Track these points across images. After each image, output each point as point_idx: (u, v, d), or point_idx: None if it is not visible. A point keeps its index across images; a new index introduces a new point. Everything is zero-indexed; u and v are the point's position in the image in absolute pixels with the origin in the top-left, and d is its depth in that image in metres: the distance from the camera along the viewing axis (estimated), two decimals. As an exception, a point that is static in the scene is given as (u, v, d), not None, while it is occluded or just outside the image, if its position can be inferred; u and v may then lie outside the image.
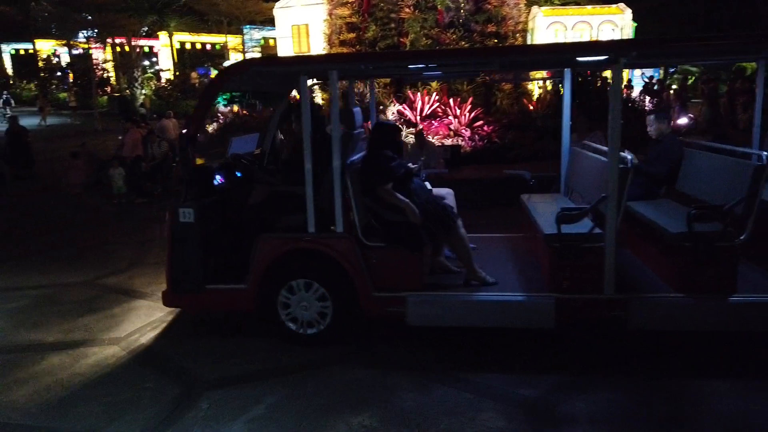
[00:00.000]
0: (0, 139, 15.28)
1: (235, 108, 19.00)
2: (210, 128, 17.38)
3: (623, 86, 13.28)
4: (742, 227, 4.07)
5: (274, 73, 5.32)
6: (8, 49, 41.54)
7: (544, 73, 10.89)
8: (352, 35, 14.41)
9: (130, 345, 4.62)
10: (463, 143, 11.25)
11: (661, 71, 24.49)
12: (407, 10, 13.45)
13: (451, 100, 12.36)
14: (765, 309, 4.01)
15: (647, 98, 17.98)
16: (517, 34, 14.33)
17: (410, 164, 5.02)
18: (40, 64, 37.10)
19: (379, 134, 4.76)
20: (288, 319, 4.47)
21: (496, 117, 12.48)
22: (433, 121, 12.09)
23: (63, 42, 35.01)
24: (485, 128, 11.69)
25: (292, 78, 5.33)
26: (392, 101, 13.28)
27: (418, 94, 12.81)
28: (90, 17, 31.06)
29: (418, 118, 12.46)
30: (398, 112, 12.83)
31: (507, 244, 5.63)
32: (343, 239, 4.40)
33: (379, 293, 4.37)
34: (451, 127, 11.79)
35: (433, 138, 11.28)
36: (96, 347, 4.61)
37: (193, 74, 33.40)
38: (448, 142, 11.25)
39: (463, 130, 11.65)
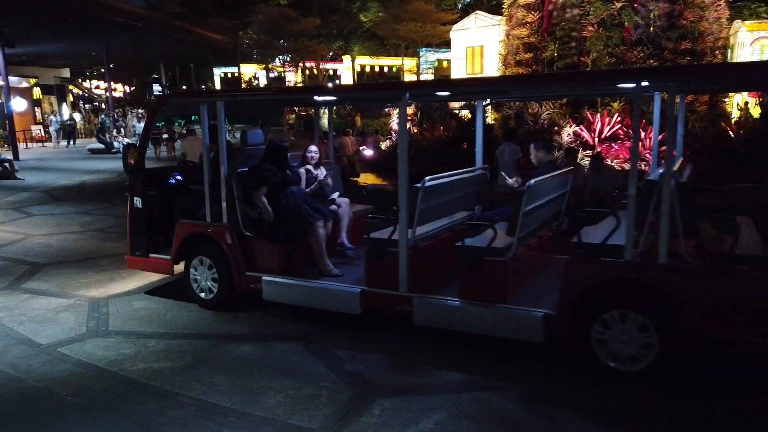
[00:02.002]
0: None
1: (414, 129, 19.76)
2: (383, 145, 18.26)
3: None
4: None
5: (186, 103, 7.42)
6: (219, 72, 47.78)
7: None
8: (529, 55, 14.24)
9: (311, 343, 5.01)
10: (647, 168, 10.44)
11: None
12: (590, 28, 12.94)
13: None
14: (510, 318, 4.42)
15: None
16: (717, 51, 12.99)
17: (321, 177, 6.14)
18: (243, 85, 42.05)
19: (267, 151, 5.90)
20: (196, 287, 5.96)
21: (687, 141, 11.40)
22: (613, 144, 11.43)
23: (262, 66, 39.33)
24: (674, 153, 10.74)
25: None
26: (568, 122, 12.81)
27: (598, 115, 12.20)
28: (286, 44, 34.53)
29: (596, 140, 11.86)
30: (574, 133, 12.34)
31: None
32: (224, 229, 5.73)
33: (247, 272, 5.65)
34: (634, 150, 11.01)
35: (612, 162, 10.65)
36: (282, 342, 5.08)
37: (370, 95, 35.35)
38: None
39: (648, 154, 10.81)
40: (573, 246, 4.39)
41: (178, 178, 6.73)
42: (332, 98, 7.28)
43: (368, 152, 17.19)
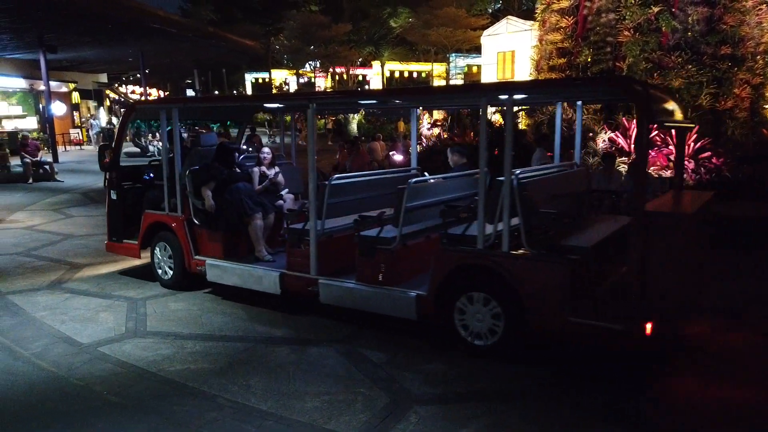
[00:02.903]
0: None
1: (435, 132, 19.72)
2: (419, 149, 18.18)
3: None
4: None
5: (151, 109, 8.45)
6: (250, 77, 48.49)
7: None
8: (562, 60, 14.05)
9: (347, 348, 5.01)
10: (685, 176, 10.21)
11: None
12: (626, 32, 12.71)
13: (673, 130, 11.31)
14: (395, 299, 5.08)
15: None
16: (758, 56, 12.63)
17: (271, 176, 6.80)
18: (274, 90, 42.57)
19: (217, 152, 6.76)
20: (158, 268, 6.95)
21: (728, 148, 11.10)
22: (649, 151, 11.19)
23: (293, 71, 39.76)
24: (714, 160, 10.47)
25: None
26: (603, 128, 12.60)
27: (634, 121, 11.96)
28: (317, 50, 34.85)
29: (632, 146, 11.62)
30: (609, 139, 12.12)
31: None
32: (178, 218, 6.64)
33: (196, 256, 6.52)
34: (671, 157, 10.77)
35: (649, 169, 10.42)
36: (317, 346, 5.09)
37: (400, 100, 35.44)
38: (668, 173, 10.30)
39: (686, 162, 10.56)
40: (440, 236, 5.07)
41: (151, 174, 7.72)
42: (251, 106, 9.02)
43: (398, 157, 17.19)
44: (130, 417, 3.87)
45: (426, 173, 6.95)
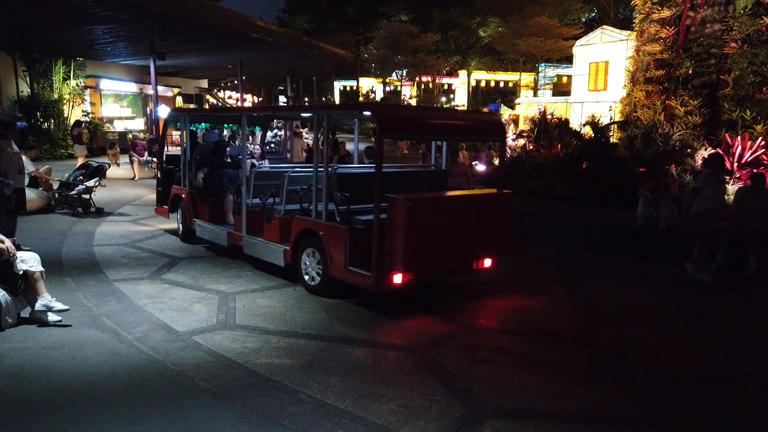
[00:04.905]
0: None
1: (521, 143, 19.37)
2: (497, 160, 17.99)
3: None
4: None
5: (177, 116, 10.93)
6: (339, 85, 49.79)
7: None
8: (660, 72, 13.47)
9: (423, 355, 5.08)
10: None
11: None
12: (733, 44, 11.99)
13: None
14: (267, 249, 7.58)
15: None
16: None
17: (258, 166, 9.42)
18: (361, 98, 43.47)
19: (213, 146, 9.40)
20: (179, 224, 9.78)
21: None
22: (754, 170, 10.45)
23: (380, 80, 40.42)
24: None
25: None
26: (703, 144, 11.92)
27: (738, 138, 11.24)
28: (404, 59, 35.24)
29: (735, 164, 10.93)
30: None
31: None
32: (185, 191, 9.41)
33: (194, 218, 9.20)
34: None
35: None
36: (394, 351, 5.19)
37: (485, 110, 35.13)
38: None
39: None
40: (296, 210, 7.18)
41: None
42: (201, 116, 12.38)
43: (480, 167, 17.05)
44: (220, 403, 4.13)
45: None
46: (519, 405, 4.19)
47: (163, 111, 21.24)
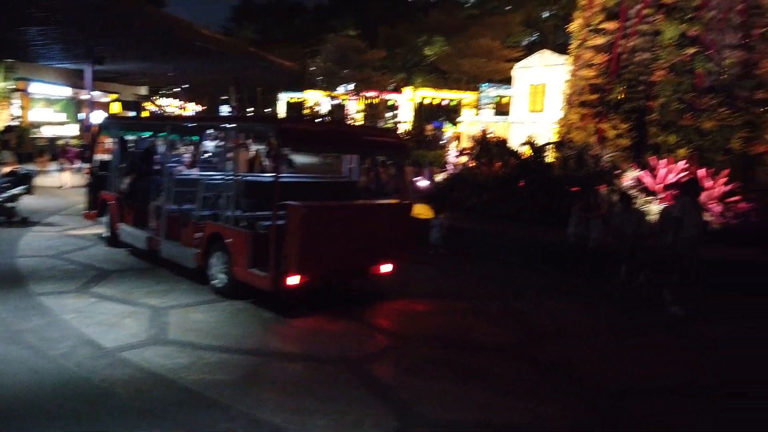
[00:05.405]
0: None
1: (463, 160, 19.83)
2: (439, 177, 18.33)
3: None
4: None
5: (116, 123, 11.90)
6: (284, 97, 49.46)
7: None
8: (594, 96, 14.09)
9: (360, 368, 5.08)
10: (711, 218, 10.08)
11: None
12: (660, 72, 12.72)
13: (703, 171, 11.22)
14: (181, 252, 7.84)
15: None
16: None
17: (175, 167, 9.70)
18: (306, 111, 43.33)
19: (142, 153, 9.93)
20: (106, 228, 9.77)
21: (759, 193, 10.94)
22: (676, 192, 11.08)
23: (327, 93, 40.47)
24: (742, 204, 10.34)
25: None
26: (631, 166, 12.54)
27: (662, 161, 11.90)
28: (351, 73, 35.49)
29: (657, 186, 11.55)
30: (637, 178, 12.05)
31: None
32: (113, 196, 9.51)
33: (118, 222, 9.31)
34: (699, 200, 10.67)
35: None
36: (330, 365, 5.17)
37: (428, 126, 35.73)
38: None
39: (713, 205, 10.45)
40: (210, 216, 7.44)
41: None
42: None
43: (423, 183, 17.29)
44: (147, 422, 4.00)
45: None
46: (454, 417, 4.26)
47: (98, 117, 20.49)
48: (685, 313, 7.38)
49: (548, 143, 14.46)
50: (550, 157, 15.24)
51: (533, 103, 27.91)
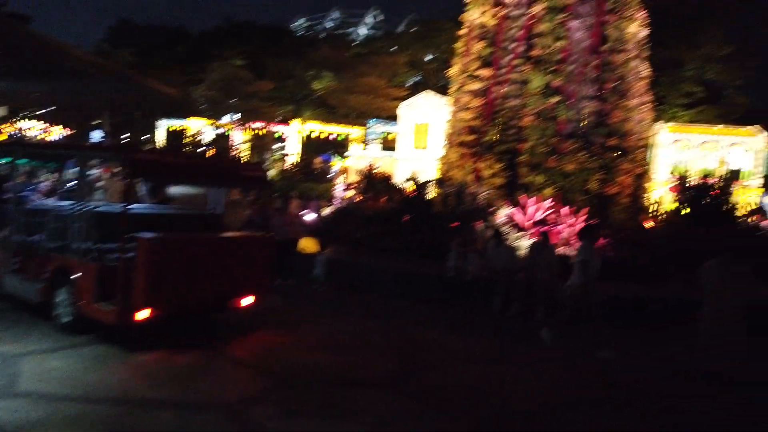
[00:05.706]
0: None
1: (349, 194, 20.11)
2: (327, 210, 18.39)
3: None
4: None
5: None
6: (165, 123, 47.26)
7: None
8: (471, 137, 14.95)
9: (236, 413, 4.86)
10: (572, 254, 10.99)
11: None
12: (529, 118, 13.81)
13: (567, 209, 12.25)
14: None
15: None
16: (640, 149, 14.17)
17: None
18: (188, 139, 41.67)
19: None
20: None
21: (614, 231, 12.14)
22: (541, 228, 11.99)
23: (211, 122, 39.31)
24: (600, 240, 11.39)
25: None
26: (504, 203, 13.40)
27: (531, 199, 12.84)
28: (238, 103, 34.86)
29: (527, 222, 12.42)
30: (509, 215, 12.88)
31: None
32: None
33: None
34: (562, 236, 11.62)
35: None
36: (203, 412, 4.90)
37: (317, 159, 35.85)
38: (558, 251, 11.06)
39: (574, 241, 11.42)
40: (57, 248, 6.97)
41: None
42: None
43: (310, 216, 17.24)
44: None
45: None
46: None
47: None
48: (615, 356, 7.33)
49: (430, 180, 15.08)
50: (432, 193, 15.89)
51: (418, 140, 29.04)
